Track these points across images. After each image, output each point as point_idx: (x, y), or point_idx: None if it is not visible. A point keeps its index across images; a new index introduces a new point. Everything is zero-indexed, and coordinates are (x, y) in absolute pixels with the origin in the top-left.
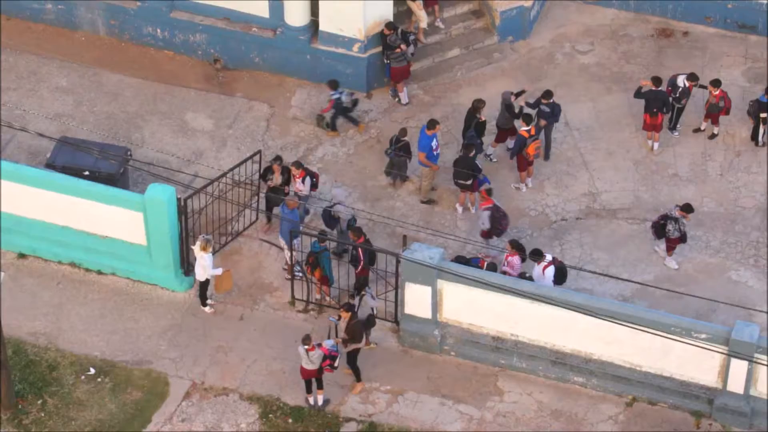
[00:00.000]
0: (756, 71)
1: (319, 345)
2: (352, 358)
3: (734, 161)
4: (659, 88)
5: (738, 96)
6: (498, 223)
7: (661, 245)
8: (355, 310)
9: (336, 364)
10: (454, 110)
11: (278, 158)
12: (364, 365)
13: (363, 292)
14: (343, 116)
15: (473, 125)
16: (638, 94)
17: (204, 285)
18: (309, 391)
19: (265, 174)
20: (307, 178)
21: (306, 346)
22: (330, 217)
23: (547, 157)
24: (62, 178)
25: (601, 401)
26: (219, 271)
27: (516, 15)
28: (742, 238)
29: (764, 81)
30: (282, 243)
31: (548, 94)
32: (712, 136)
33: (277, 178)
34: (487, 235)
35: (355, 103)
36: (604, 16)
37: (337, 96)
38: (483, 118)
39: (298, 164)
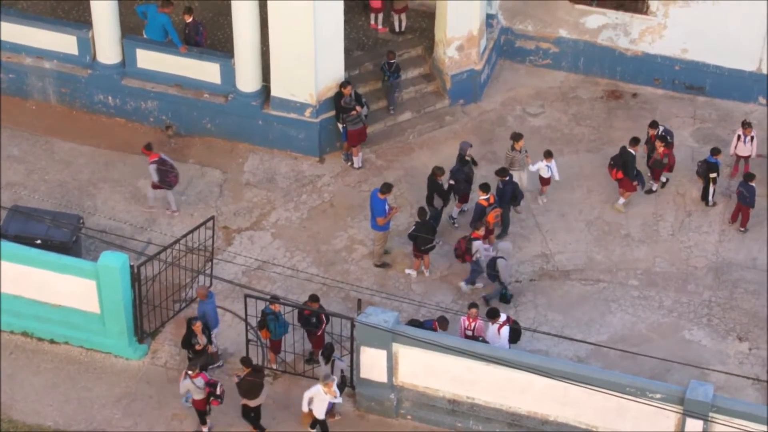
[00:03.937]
0: (704, 132)
1: (201, 372)
2: (243, 411)
3: (685, 221)
4: (631, 151)
5: (687, 156)
6: (166, 175)
7: None
8: (261, 367)
9: (218, 392)
10: (406, 173)
11: (195, 319)
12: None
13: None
14: None
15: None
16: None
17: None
18: (203, 422)
19: (189, 340)
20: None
21: (191, 372)
22: (493, 269)
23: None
24: (14, 247)
25: None
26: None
27: (467, 78)
28: (695, 297)
29: (712, 141)
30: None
31: (502, 171)
32: (649, 192)
33: (201, 339)
34: (157, 187)
35: None
36: (554, 78)
37: None
38: (445, 185)
39: (476, 225)
